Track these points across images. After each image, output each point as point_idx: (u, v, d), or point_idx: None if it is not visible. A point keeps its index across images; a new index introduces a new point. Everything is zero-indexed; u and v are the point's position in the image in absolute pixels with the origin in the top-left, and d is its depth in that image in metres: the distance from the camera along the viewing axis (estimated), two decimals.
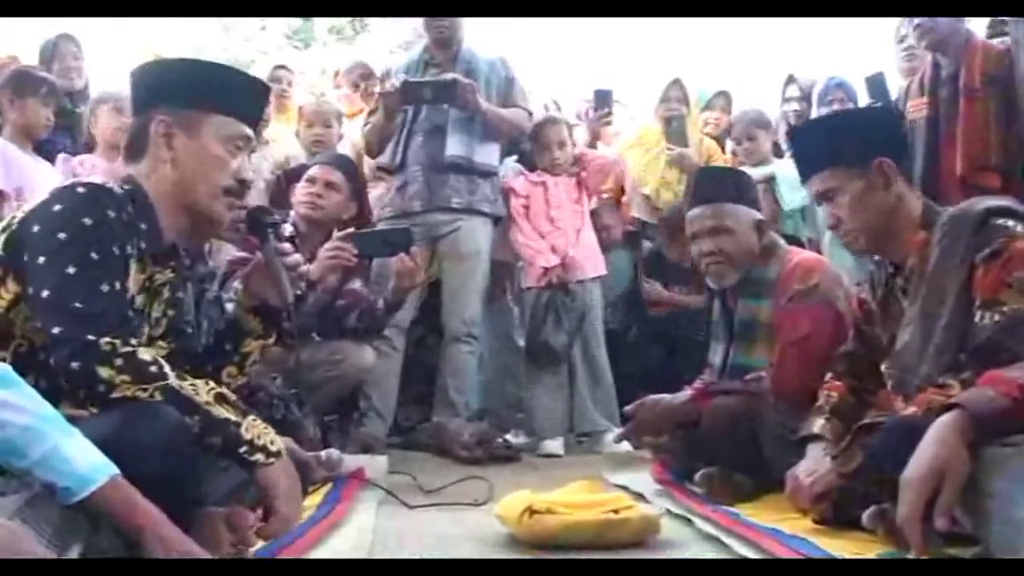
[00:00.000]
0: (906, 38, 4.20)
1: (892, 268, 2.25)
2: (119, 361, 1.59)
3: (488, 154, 4.06)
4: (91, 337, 1.59)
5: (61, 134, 4.08)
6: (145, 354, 1.63)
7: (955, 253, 1.99)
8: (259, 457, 1.69)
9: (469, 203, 4.01)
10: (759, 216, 3.00)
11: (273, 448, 1.72)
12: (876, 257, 2.38)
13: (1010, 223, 1.96)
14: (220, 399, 1.70)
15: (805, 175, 2.33)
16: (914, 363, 2.03)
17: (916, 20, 3.60)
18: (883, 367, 2.22)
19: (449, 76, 3.88)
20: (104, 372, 1.58)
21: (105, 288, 1.65)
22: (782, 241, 3.03)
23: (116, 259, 1.70)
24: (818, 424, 2.40)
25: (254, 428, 1.70)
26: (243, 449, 1.67)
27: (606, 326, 4.31)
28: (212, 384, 1.72)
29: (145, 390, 1.60)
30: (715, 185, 3.04)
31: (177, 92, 1.86)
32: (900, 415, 1.96)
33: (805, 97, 4.91)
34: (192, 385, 1.67)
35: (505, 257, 4.30)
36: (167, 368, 1.64)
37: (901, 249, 2.18)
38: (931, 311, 2.01)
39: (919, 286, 2.08)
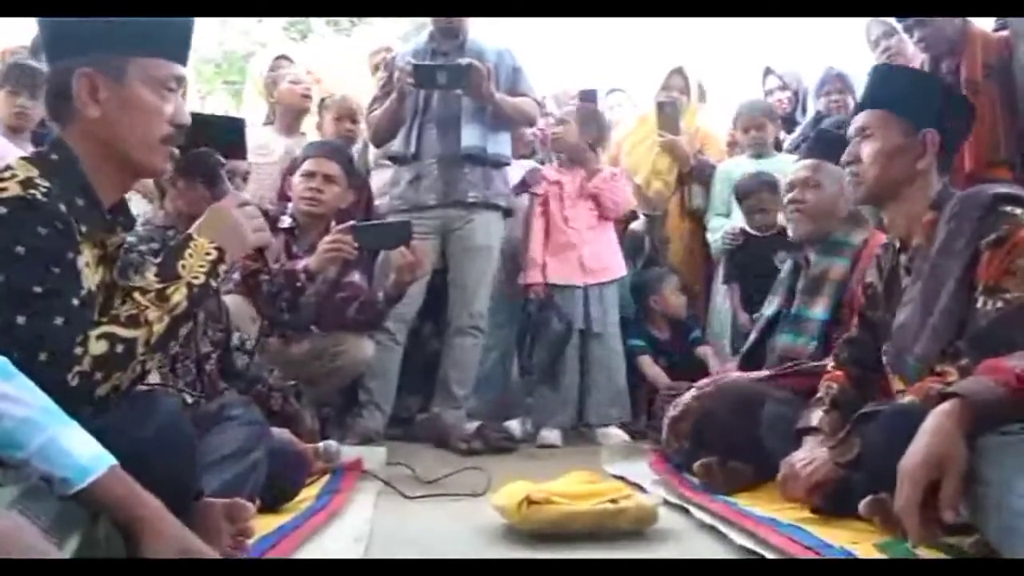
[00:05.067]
0: (880, 41, 4.20)
1: (899, 245, 2.25)
2: (87, 363, 1.55)
3: (501, 144, 4.04)
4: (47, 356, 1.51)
5: None
6: (99, 345, 1.57)
7: (960, 235, 1.98)
8: None
9: (485, 197, 3.98)
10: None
11: None
12: (886, 241, 2.38)
13: (1017, 211, 1.96)
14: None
15: (861, 107, 2.31)
16: (910, 342, 2.03)
17: (903, 24, 3.60)
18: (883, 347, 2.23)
19: (464, 61, 3.83)
20: (75, 380, 1.54)
21: (58, 315, 1.55)
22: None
23: (60, 274, 1.58)
24: (816, 416, 2.41)
25: None
26: None
27: None
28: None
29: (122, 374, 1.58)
30: (826, 147, 3.01)
31: (92, 38, 1.69)
32: (897, 403, 1.96)
33: (786, 87, 4.92)
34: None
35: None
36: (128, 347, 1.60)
37: (909, 226, 2.17)
38: (932, 291, 2.00)
39: (922, 265, 2.08)
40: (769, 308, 3.11)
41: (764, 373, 2.86)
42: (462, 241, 4.01)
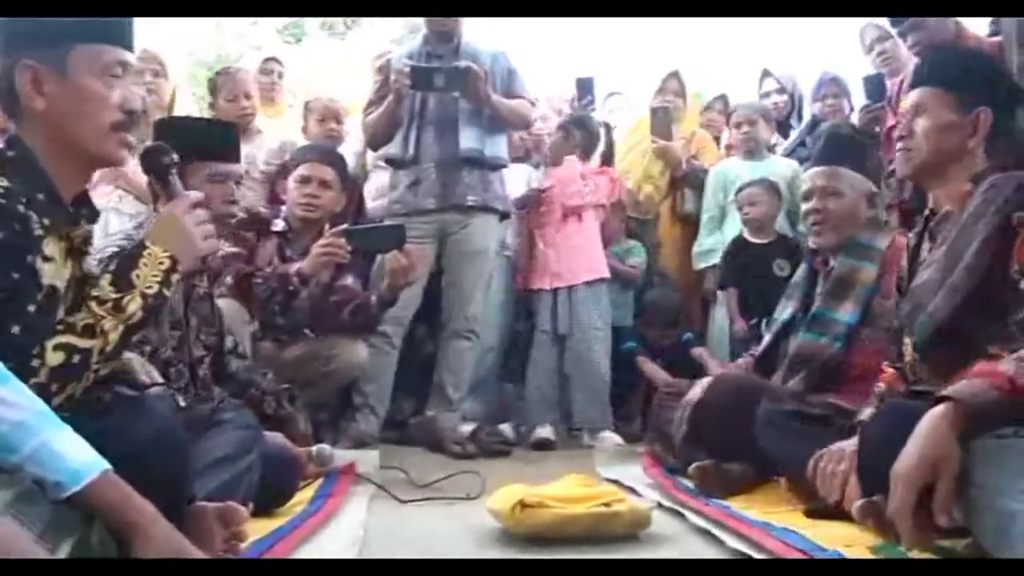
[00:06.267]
0: (875, 45, 4.21)
1: (929, 212, 2.23)
2: (44, 374, 1.54)
3: (498, 146, 4.03)
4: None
5: None
6: (56, 356, 1.56)
7: (993, 204, 1.95)
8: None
9: (484, 201, 3.97)
10: (874, 188, 2.96)
11: None
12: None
13: None
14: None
15: (915, 84, 2.27)
16: (927, 299, 2.00)
17: (897, 28, 3.60)
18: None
19: (461, 63, 3.82)
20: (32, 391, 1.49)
21: (15, 323, 1.53)
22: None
23: (19, 280, 1.55)
24: (866, 412, 2.36)
25: None
26: None
27: None
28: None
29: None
30: (840, 150, 2.99)
31: (32, 30, 1.65)
32: (892, 402, 1.96)
33: (783, 89, 4.93)
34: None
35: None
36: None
37: (945, 194, 2.16)
38: (956, 253, 1.98)
39: (950, 230, 2.06)
40: (784, 312, 3.07)
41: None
42: (459, 245, 4.00)
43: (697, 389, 2.94)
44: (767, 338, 3.10)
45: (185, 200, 1.84)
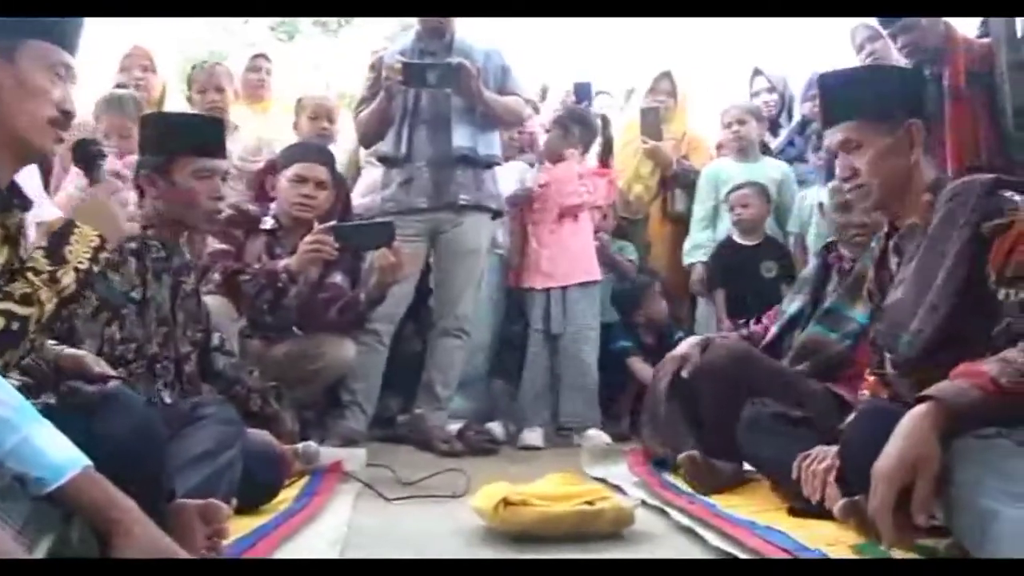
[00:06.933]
0: (865, 45, 4.21)
1: (886, 229, 2.22)
2: None
3: (491, 144, 4.01)
4: None
5: None
6: None
7: (959, 215, 1.94)
8: None
9: (476, 199, 3.95)
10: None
11: None
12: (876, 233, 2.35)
13: (1017, 197, 1.91)
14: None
15: (829, 122, 2.24)
16: (905, 319, 1.99)
17: (888, 29, 3.60)
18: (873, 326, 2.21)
19: (455, 60, 3.80)
20: None
21: None
22: None
23: None
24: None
25: None
26: None
27: None
28: None
29: None
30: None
31: None
32: (871, 401, 1.96)
33: (773, 88, 4.93)
34: None
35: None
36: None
37: (905, 209, 2.14)
38: (928, 269, 1.97)
39: (917, 245, 2.05)
40: (792, 305, 3.06)
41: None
42: (451, 244, 3.99)
43: (683, 347, 2.98)
44: (773, 330, 3.08)
45: (109, 185, 1.92)
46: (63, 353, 1.94)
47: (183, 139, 2.57)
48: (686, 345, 3.09)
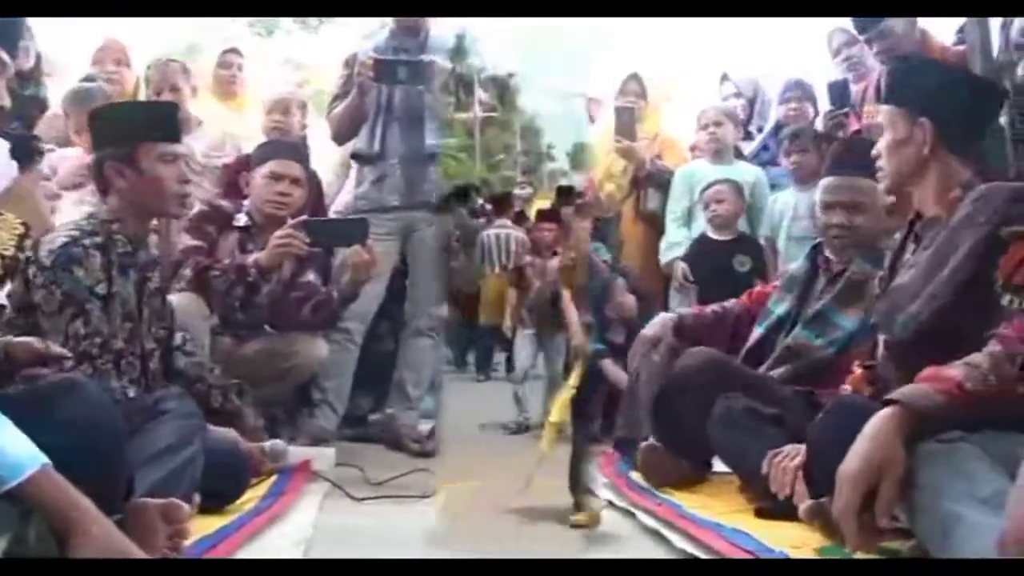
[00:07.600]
0: (842, 49, 4.23)
1: (916, 215, 2.21)
2: None
3: None
4: None
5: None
6: None
7: (981, 214, 1.94)
8: None
9: None
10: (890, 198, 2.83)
11: None
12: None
13: None
14: None
15: (883, 102, 2.30)
16: (906, 302, 1.99)
17: (864, 35, 3.61)
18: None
19: (426, 57, 3.80)
20: None
21: None
22: None
23: None
24: None
25: None
26: None
27: None
28: None
29: None
30: (859, 158, 2.77)
31: None
32: (840, 397, 1.96)
33: (740, 94, 4.94)
34: None
35: None
36: None
37: (932, 199, 2.13)
38: (940, 258, 1.97)
39: (935, 235, 2.05)
40: (779, 307, 3.00)
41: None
42: (424, 242, 3.98)
43: (655, 327, 3.02)
44: (759, 330, 3.03)
45: (36, 175, 1.96)
46: (12, 341, 1.92)
47: (144, 126, 2.54)
48: (658, 325, 3.06)
